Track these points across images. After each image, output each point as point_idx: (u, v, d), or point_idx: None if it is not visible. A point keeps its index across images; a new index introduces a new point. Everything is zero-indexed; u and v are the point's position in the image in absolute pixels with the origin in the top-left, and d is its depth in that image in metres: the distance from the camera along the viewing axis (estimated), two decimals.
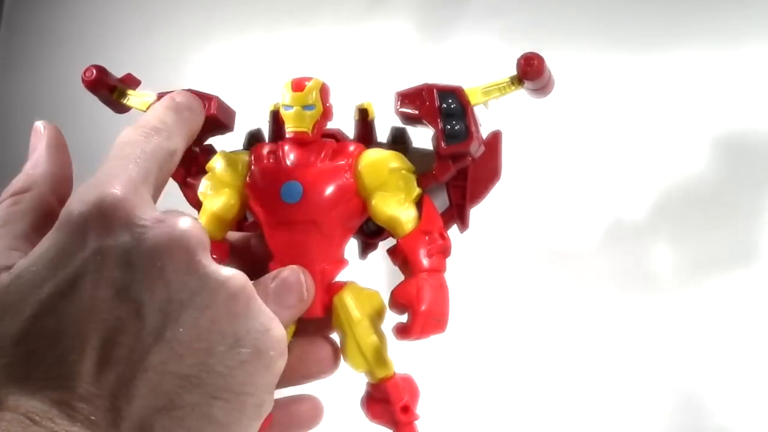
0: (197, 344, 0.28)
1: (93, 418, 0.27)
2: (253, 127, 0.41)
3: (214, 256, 0.31)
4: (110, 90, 0.40)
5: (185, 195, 0.40)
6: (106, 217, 0.28)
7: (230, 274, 0.30)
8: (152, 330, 0.28)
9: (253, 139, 0.41)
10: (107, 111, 0.41)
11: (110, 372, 0.27)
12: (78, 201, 0.29)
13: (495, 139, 0.39)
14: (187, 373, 0.28)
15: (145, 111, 0.39)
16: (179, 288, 0.28)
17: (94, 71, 0.39)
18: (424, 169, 0.37)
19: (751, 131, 0.61)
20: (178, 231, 0.29)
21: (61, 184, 0.34)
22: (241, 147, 0.41)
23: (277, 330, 0.31)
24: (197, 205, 0.39)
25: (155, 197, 0.32)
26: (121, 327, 0.27)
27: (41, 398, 0.26)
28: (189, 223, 0.30)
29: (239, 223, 0.40)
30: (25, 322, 0.27)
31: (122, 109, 0.41)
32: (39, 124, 0.35)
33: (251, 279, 0.39)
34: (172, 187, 0.40)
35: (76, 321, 0.27)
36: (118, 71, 0.40)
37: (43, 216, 0.32)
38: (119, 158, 0.31)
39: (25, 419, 0.26)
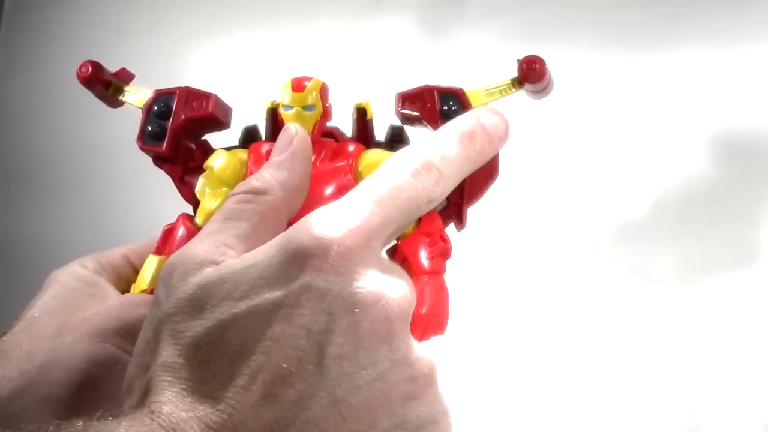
0: (364, 413, 0.27)
1: None
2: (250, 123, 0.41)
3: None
4: (105, 85, 0.40)
5: (181, 192, 0.40)
6: (329, 260, 0.27)
7: (421, 356, 0.29)
8: (327, 384, 0.26)
9: (249, 135, 0.40)
10: (107, 111, 0.40)
11: (270, 411, 0.26)
12: (308, 230, 0.27)
13: None
14: None
15: (141, 108, 0.39)
16: (368, 352, 0.27)
17: (90, 67, 0.39)
18: None
19: (750, 131, 0.62)
20: (389, 297, 0.28)
21: (295, 196, 0.33)
22: (236, 143, 0.40)
23: (444, 423, 0.30)
24: (194, 202, 0.39)
25: (388, 241, 0.31)
26: (299, 370, 0.26)
27: (195, 420, 0.25)
28: (402, 291, 0.29)
29: None
30: (213, 330, 0.27)
31: (117, 104, 0.40)
32: (291, 127, 0.34)
33: None
34: (169, 187, 0.40)
35: (260, 349, 0.26)
36: (124, 67, 0.40)
37: (270, 224, 0.31)
38: (373, 195, 0.29)
39: (159, 429, 0.25)
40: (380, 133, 0.40)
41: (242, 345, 0.26)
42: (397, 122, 0.39)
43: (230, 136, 0.40)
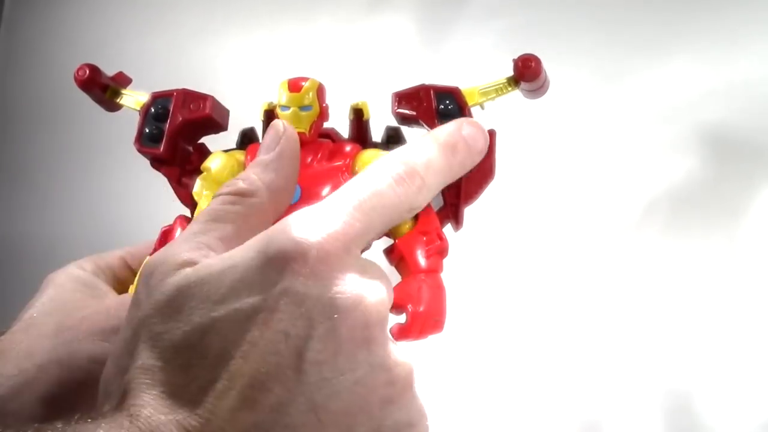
0: (342, 418, 0.27)
1: None
2: (247, 125, 0.41)
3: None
4: (103, 89, 0.40)
5: (178, 194, 0.40)
6: (308, 265, 0.27)
7: (400, 360, 0.29)
8: (306, 390, 0.26)
9: (246, 138, 0.41)
10: (107, 112, 0.41)
11: (248, 416, 0.26)
12: (287, 233, 0.27)
13: (489, 138, 0.39)
14: None
15: (138, 110, 0.39)
16: (346, 357, 0.27)
17: (87, 70, 0.39)
18: None
19: (738, 129, 0.62)
20: (367, 301, 0.28)
21: (281, 198, 0.33)
22: (233, 146, 0.40)
23: (421, 427, 0.30)
24: (191, 204, 0.39)
25: (368, 246, 0.31)
26: (277, 375, 0.26)
27: (174, 424, 0.25)
28: (380, 296, 0.29)
29: None
30: (192, 334, 0.27)
31: (114, 107, 0.40)
32: (280, 125, 0.34)
33: None
34: (167, 188, 0.40)
35: (238, 353, 0.26)
36: (116, 71, 0.40)
37: (255, 226, 0.31)
38: (355, 200, 0.29)
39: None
40: (377, 135, 0.40)
41: (221, 349, 0.26)
42: (394, 123, 0.39)
43: (228, 138, 0.40)
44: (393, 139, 0.39)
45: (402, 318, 0.35)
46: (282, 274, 0.27)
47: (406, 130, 0.39)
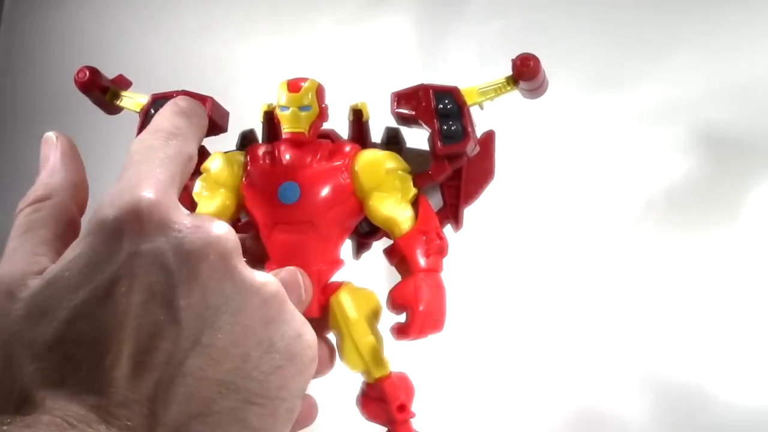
0: (233, 349, 0.28)
1: (129, 423, 0.26)
2: (246, 127, 0.41)
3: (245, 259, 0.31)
4: (102, 91, 0.40)
5: (179, 196, 0.40)
6: (142, 221, 0.28)
7: (264, 280, 0.30)
8: (189, 335, 0.27)
9: (246, 139, 0.41)
10: (107, 114, 0.41)
11: (147, 377, 0.27)
12: (111, 205, 0.28)
13: (488, 138, 0.39)
14: (223, 378, 0.28)
15: (138, 112, 0.39)
16: (215, 293, 0.28)
17: (87, 72, 0.39)
18: (419, 169, 0.37)
19: (736, 128, 0.62)
20: (214, 236, 0.29)
21: (78, 192, 0.34)
22: (233, 148, 0.40)
23: (309, 335, 0.31)
24: (191, 206, 0.39)
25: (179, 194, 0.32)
26: (158, 332, 0.27)
27: (78, 403, 0.26)
28: (225, 228, 0.30)
29: (233, 224, 0.40)
30: (61, 327, 0.27)
31: (114, 110, 0.40)
32: (51, 135, 0.35)
33: None
34: None
35: (113, 326, 0.27)
36: (117, 71, 0.40)
37: (65, 223, 0.32)
38: (144, 162, 0.31)
39: (63, 422, 0.25)
40: (376, 135, 0.40)
41: (96, 329, 0.27)
42: (393, 124, 0.39)
43: (228, 140, 0.40)
44: (392, 139, 0.39)
45: (402, 317, 0.35)
46: (123, 240, 0.28)
47: (405, 131, 0.39)
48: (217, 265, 0.28)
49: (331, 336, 0.38)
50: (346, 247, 0.39)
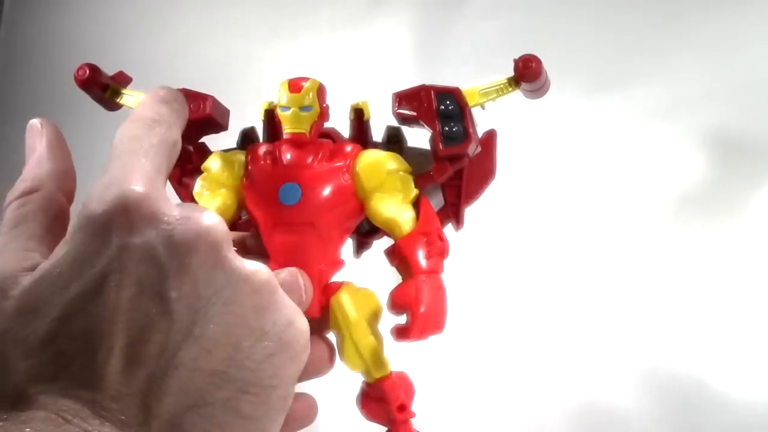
0: (225, 339, 0.28)
1: (123, 417, 0.26)
2: (247, 125, 0.41)
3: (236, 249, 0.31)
4: (103, 88, 0.39)
5: (179, 194, 0.40)
6: (130, 214, 0.28)
7: (255, 268, 0.30)
8: (181, 327, 0.27)
9: (247, 138, 0.41)
10: (107, 111, 0.40)
11: (140, 371, 0.27)
12: (99, 199, 0.28)
13: (490, 138, 0.39)
14: (216, 368, 0.28)
15: None
16: (206, 284, 0.28)
17: (87, 70, 0.39)
18: (420, 169, 0.37)
19: (743, 130, 0.62)
20: (203, 227, 0.29)
21: (66, 181, 0.33)
22: (233, 146, 0.40)
23: (300, 322, 0.31)
24: None
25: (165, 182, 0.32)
26: (149, 325, 0.27)
27: (72, 398, 0.26)
28: (214, 218, 0.29)
29: (233, 222, 0.40)
30: (53, 324, 0.27)
31: (114, 107, 0.40)
32: (36, 122, 0.35)
33: None
34: (167, 189, 0.39)
35: (104, 321, 0.27)
36: (117, 70, 0.40)
37: (54, 215, 0.32)
38: (129, 153, 0.30)
39: (57, 418, 0.25)
40: (377, 135, 0.40)
41: (88, 324, 0.27)
42: (394, 123, 0.39)
43: (228, 138, 0.40)
44: (393, 139, 0.39)
45: (402, 319, 0.35)
46: (111, 234, 0.28)
47: (406, 130, 0.39)
48: (208, 256, 0.28)
49: (332, 336, 0.38)
50: (347, 246, 0.39)
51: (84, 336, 0.27)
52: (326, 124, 0.38)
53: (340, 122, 0.39)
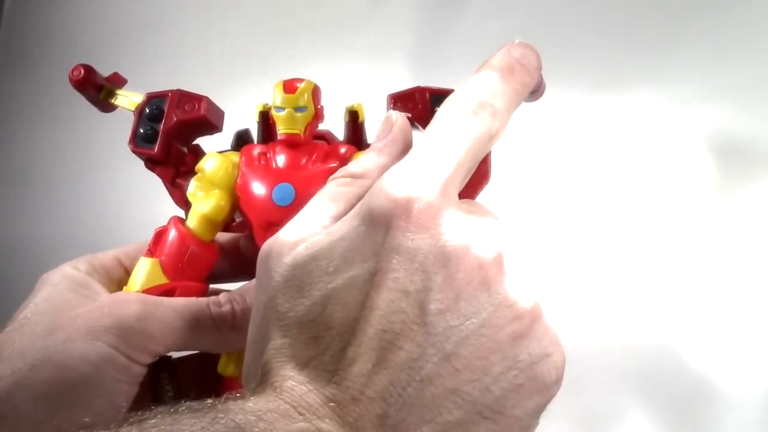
0: (476, 362, 0.27)
1: (358, 423, 0.26)
2: (241, 127, 0.41)
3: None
4: (97, 89, 0.39)
5: (172, 195, 0.40)
6: (411, 218, 0.27)
7: (522, 294, 0.28)
8: (435, 341, 0.26)
9: (241, 139, 0.40)
10: (101, 112, 0.40)
11: (383, 376, 0.26)
12: (386, 195, 0.28)
13: None
14: (461, 388, 0.27)
15: (133, 111, 0.39)
16: (468, 301, 0.27)
17: (82, 70, 0.38)
18: None
19: (745, 134, 0.62)
20: (476, 244, 0.28)
21: None
22: (228, 147, 0.40)
23: (557, 356, 0.29)
24: (185, 205, 0.38)
25: (462, 184, 0.31)
26: (404, 332, 0.26)
27: (314, 392, 0.26)
28: (490, 234, 0.28)
29: (227, 224, 0.40)
30: (314, 308, 0.27)
31: (108, 108, 0.40)
32: (392, 114, 0.34)
33: (241, 280, 0.39)
34: (159, 186, 0.39)
35: (362, 318, 0.27)
36: (115, 71, 0.40)
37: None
38: (437, 144, 0.29)
39: (293, 411, 0.25)
40: (372, 137, 0.40)
41: (345, 317, 0.27)
42: None
43: (222, 140, 0.40)
44: None
45: None
46: (388, 233, 0.27)
47: None
48: (474, 274, 0.27)
49: None
50: None
51: (341, 327, 0.27)
52: (323, 126, 0.38)
53: (335, 124, 0.39)
